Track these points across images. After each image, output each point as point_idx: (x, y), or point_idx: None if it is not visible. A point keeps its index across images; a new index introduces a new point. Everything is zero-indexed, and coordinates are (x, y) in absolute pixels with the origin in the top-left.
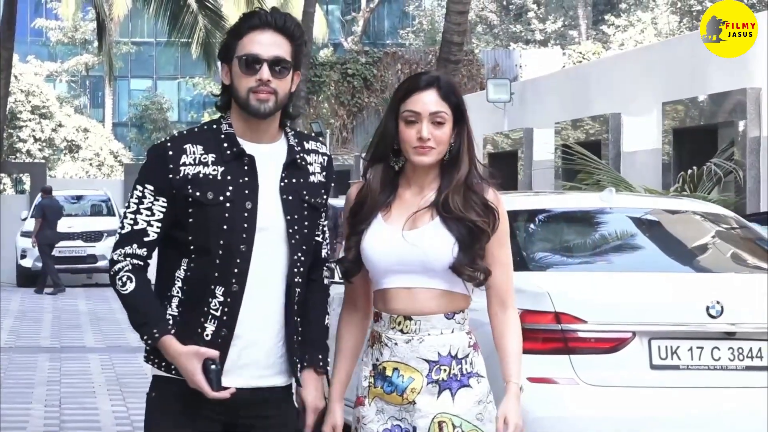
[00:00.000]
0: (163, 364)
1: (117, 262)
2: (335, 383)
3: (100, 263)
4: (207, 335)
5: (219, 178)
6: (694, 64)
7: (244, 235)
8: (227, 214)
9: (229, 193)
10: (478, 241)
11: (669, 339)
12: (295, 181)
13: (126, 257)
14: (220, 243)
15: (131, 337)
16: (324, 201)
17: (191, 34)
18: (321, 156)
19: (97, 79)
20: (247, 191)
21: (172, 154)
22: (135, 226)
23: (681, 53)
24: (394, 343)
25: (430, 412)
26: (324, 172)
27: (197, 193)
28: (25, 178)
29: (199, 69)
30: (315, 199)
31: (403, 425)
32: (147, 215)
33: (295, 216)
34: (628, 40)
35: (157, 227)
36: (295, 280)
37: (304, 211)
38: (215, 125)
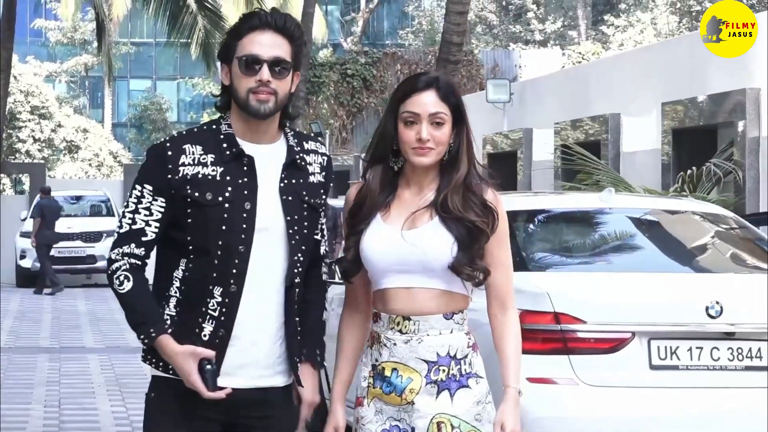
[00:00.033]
0: (161, 364)
1: (115, 261)
2: (337, 384)
3: (100, 264)
4: (205, 335)
5: (218, 178)
6: (694, 64)
7: (243, 236)
8: (226, 215)
9: (228, 193)
10: (477, 241)
11: (668, 339)
12: (295, 181)
13: (124, 256)
14: (219, 243)
15: (131, 337)
16: (323, 201)
17: (190, 35)
18: (320, 156)
19: (97, 80)
20: (246, 192)
21: (171, 154)
22: (133, 226)
23: (680, 53)
24: (393, 344)
25: (429, 412)
26: (323, 172)
27: (196, 193)
28: (25, 179)
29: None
30: (314, 200)
31: (401, 426)
32: (145, 215)
33: (295, 216)
34: (628, 40)
35: (155, 227)
36: (295, 281)
37: (303, 212)
38: (215, 125)
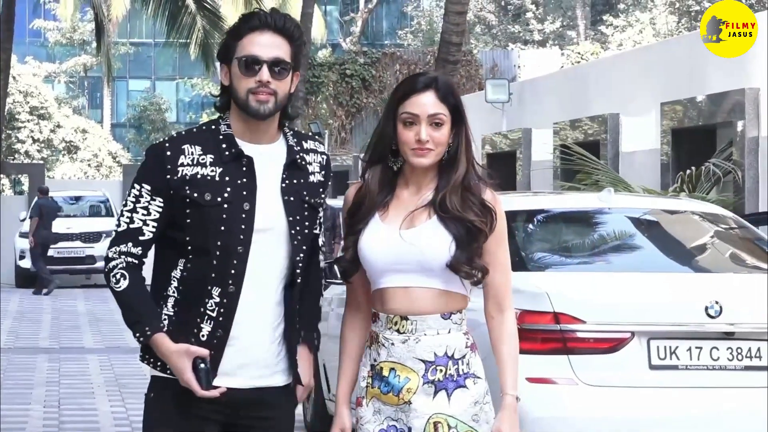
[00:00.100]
0: (159, 364)
1: (112, 259)
2: (342, 385)
3: (99, 264)
4: (203, 336)
5: (217, 179)
6: (693, 64)
7: (242, 237)
8: (225, 215)
9: (227, 194)
10: (475, 240)
11: (668, 339)
12: (295, 181)
13: (121, 255)
14: (218, 244)
15: (130, 337)
16: (323, 200)
17: (190, 35)
18: (320, 155)
19: (96, 80)
20: (245, 192)
21: (170, 154)
22: (131, 225)
23: (679, 53)
24: (391, 344)
25: (426, 412)
26: (323, 172)
27: (195, 193)
28: (24, 179)
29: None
30: (315, 199)
31: (398, 426)
32: (143, 214)
33: (297, 217)
34: (627, 40)
35: (153, 227)
36: (297, 280)
37: (304, 212)
38: (214, 126)
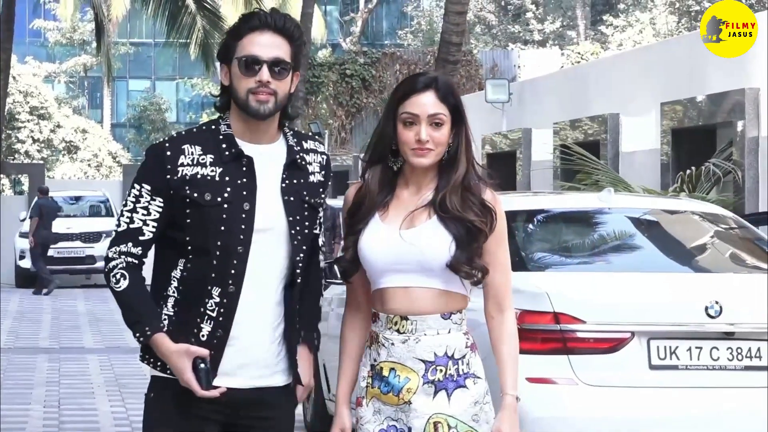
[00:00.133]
0: (159, 364)
1: (112, 259)
2: (342, 385)
3: (99, 264)
4: (203, 336)
5: (217, 179)
6: (693, 64)
7: (242, 237)
8: (225, 215)
9: (227, 194)
10: (475, 240)
11: (668, 339)
12: (295, 181)
13: (121, 255)
14: (218, 244)
15: (130, 337)
16: (323, 200)
17: (189, 35)
18: (319, 155)
19: (96, 80)
20: (245, 192)
21: (170, 154)
22: (131, 225)
23: (679, 53)
24: (391, 344)
25: (426, 412)
26: (323, 171)
27: (195, 194)
28: (24, 179)
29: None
30: (315, 199)
31: (398, 426)
32: (143, 214)
33: (297, 217)
34: (627, 40)
35: (153, 227)
36: (297, 280)
37: (304, 212)
38: (214, 126)
